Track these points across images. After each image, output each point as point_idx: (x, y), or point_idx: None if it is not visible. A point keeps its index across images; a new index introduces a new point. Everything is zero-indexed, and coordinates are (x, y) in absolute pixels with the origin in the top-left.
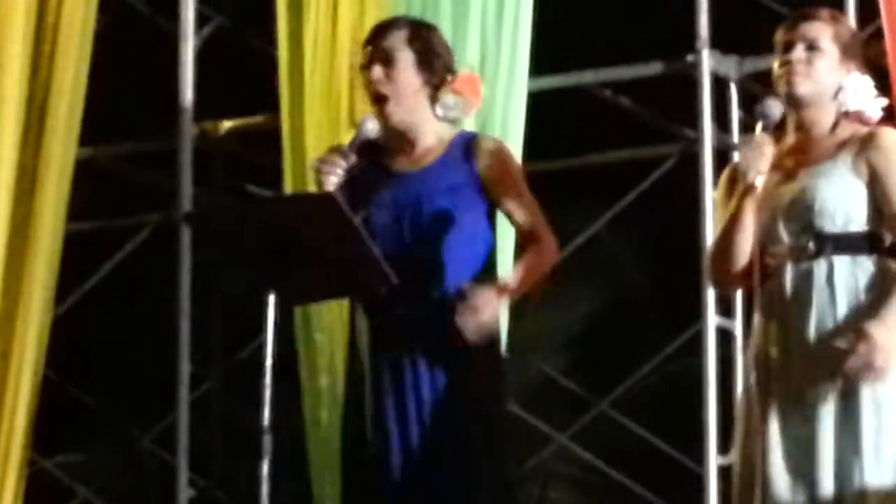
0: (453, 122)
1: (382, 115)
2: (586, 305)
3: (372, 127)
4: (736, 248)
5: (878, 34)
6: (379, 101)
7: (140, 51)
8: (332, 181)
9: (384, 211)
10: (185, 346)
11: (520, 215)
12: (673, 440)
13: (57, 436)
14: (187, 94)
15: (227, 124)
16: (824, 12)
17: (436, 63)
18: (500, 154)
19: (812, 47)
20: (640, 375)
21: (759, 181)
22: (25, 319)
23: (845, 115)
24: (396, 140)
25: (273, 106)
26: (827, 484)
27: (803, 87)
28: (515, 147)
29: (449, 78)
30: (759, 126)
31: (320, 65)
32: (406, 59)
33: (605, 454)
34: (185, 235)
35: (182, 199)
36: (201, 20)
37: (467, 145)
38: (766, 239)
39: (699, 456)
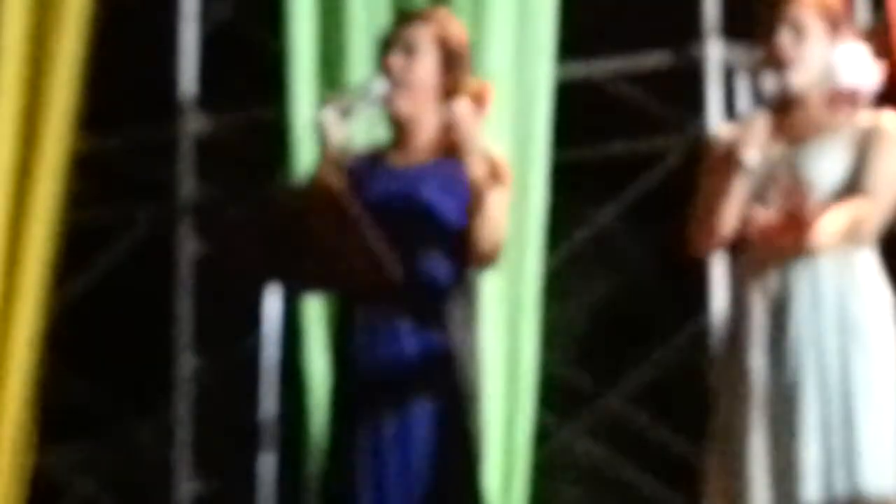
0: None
1: (391, 102)
2: (592, 297)
3: (380, 85)
4: (721, 219)
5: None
6: (393, 87)
7: (140, 41)
8: (331, 121)
9: (372, 203)
10: (186, 339)
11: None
12: (680, 433)
13: (56, 430)
14: (187, 85)
15: (226, 116)
16: None
17: (456, 64)
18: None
19: (797, 29)
20: (646, 368)
21: (755, 161)
22: (22, 313)
23: (839, 90)
24: (396, 131)
25: (274, 98)
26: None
27: (792, 75)
28: (545, 138)
29: (465, 81)
30: (758, 103)
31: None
32: (429, 54)
33: (612, 447)
34: (184, 228)
35: (181, 191)
36: (202, 11)
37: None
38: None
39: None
